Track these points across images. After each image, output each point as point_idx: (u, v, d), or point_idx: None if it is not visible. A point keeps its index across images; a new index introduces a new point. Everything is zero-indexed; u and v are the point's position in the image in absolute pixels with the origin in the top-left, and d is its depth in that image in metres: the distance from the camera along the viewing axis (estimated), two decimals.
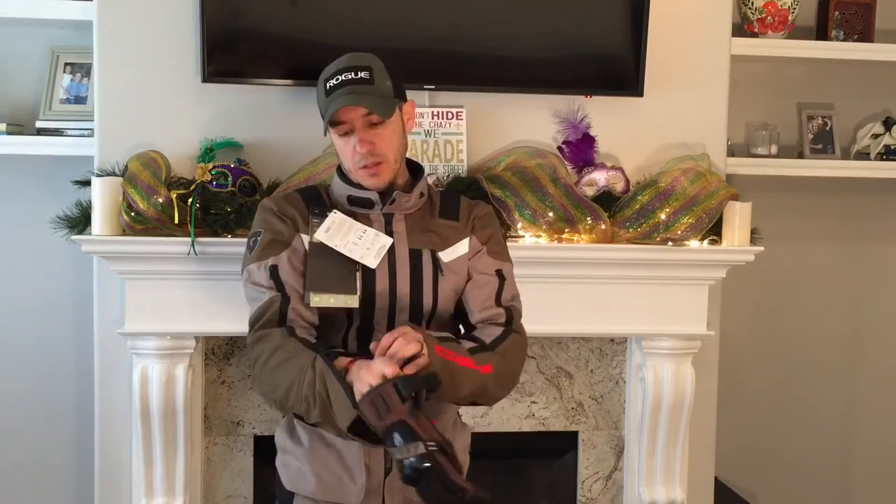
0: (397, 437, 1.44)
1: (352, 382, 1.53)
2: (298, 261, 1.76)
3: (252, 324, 1.73)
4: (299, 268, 1.76)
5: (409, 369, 1.51)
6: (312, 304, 1.73)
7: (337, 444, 1.78)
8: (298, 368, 1.59)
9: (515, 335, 1.78)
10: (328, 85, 1.76)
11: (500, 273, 1.83)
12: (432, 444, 1.43)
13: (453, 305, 1.84)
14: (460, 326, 1.88)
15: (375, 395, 1.47)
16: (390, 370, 1.48)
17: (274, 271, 1.74)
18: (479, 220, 1.87)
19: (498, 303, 1.80)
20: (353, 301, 1.73)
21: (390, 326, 1.77)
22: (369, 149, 1.75)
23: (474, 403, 1.74)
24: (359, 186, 1.81)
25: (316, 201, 1.84)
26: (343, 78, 1.75)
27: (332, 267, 1.74)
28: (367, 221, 1.80)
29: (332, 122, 1.76)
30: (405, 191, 1.82)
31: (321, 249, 1.75)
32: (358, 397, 1.49)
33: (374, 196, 1.79)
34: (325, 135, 1.82)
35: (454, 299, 1.83)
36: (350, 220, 1.78)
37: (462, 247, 1.82)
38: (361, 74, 1.75)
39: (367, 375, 1.49)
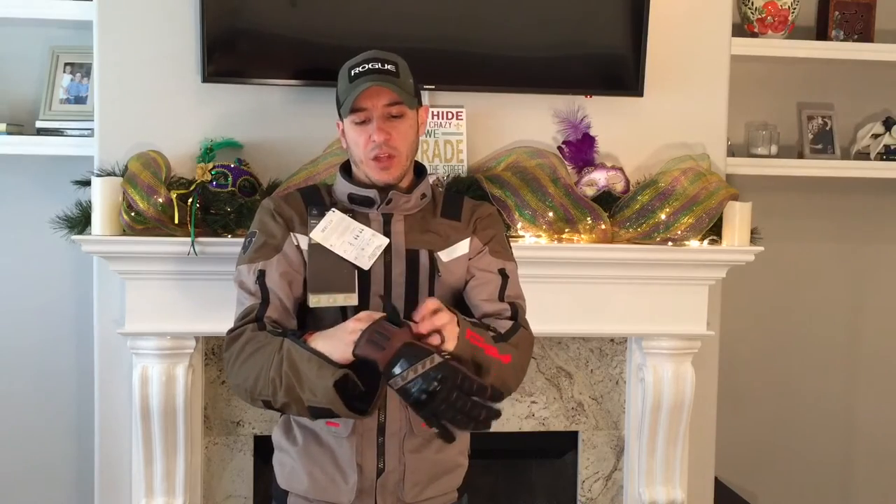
0: (402, 363, 1.43)
1: (318, 349, 1.56)
2: (288, 266, 1.77)
3: (230, 329, 1.75)
4: (288, 274, 1.76)
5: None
6: (311, 305, 1.73)
7: (330, 443, 1.79)
8: (267, 354, 1.61)
9: (524, 330, 1.78)
10: (353, 72, 1.77)
11: (502, 272, 1.83)
12: (444, 353, 1.42)
13: (450, 306, 1.83)
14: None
15: (371, 332, 1.48)
16: (376, 315, 1.51)
17: (261, 276, 1.75)
18: (482, 221, 1.86)
19: (501, 299, 1.80)
20: (352, 299, 1.73)
21: None
22: (386, 138, 1.75)
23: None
24: (361, 184, 1.81)
25: (315, 201, 1.84)
26: (370, 66, 1.76)
27: (330, 266, 1.74)
28: (365, 220, 1.80)
29: (353, 109, 1.76)
30: (407, 192, 1.82)
31: (320, 249, 1.75)
32: (348, 349, 1.51)
33: (374, 194, 1.79)
34: (341, 120, 1.81)
35: (451, 300, 1.82)
36: (348, 220, 1.78)
37: (462, 247, 1.82)
38: (388, 66, 1.76)
39: (353, 324, 1.53)
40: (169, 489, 2.52)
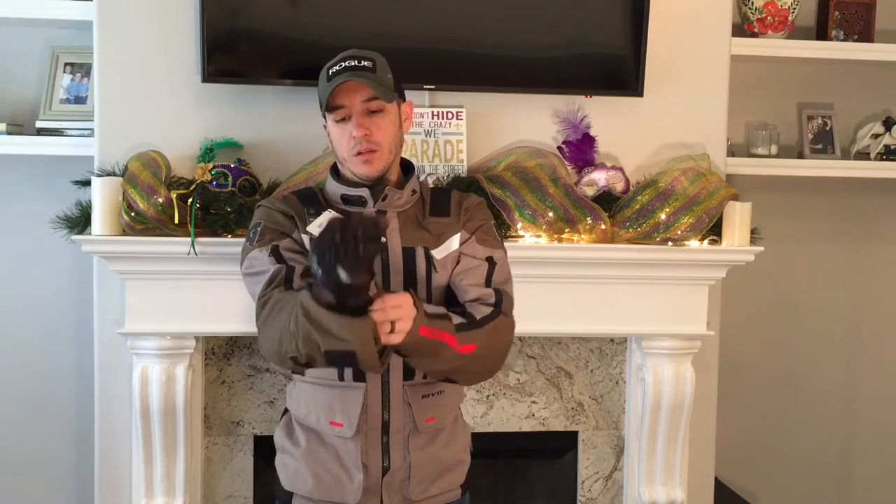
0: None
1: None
2: (298, 245, 1.77)
3: (259, 296, 1.70)
4: (299, 250, 1.76)
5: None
6: None
7: (334, 443, 1.79)
8: (289, 310, 1.58)
9: (503, 317, 1.75)
10: (330, 72, 1.77)
11: (490, 259, 1.82)
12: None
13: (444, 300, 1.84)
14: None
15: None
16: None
17: (275, 249, 1.74)
18: (468, 212, 1.86)
19: (487, 284, 1.79)
20: None
21: None
22: (365, 134, 1.75)
23: (449, 380, 1.74)
24: (351, 184, 1.81)
25: (311, 202, 1.84)
26: (346, 65, 1.76)
27: None
28: None
29: (331, 107, 1.76)
30: (397, 188, 1.82)
31: None
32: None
33: (366, 193, 1.79)
34: (324, 117, 1.81)
35: (447, 295, 1.83)
36: (343, 219, 1.78)
37: (454, 242, 1.82)
38: (365, 63, 1.77)
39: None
40: (169, 489, 2.52)
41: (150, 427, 2.49)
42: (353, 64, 1.76)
